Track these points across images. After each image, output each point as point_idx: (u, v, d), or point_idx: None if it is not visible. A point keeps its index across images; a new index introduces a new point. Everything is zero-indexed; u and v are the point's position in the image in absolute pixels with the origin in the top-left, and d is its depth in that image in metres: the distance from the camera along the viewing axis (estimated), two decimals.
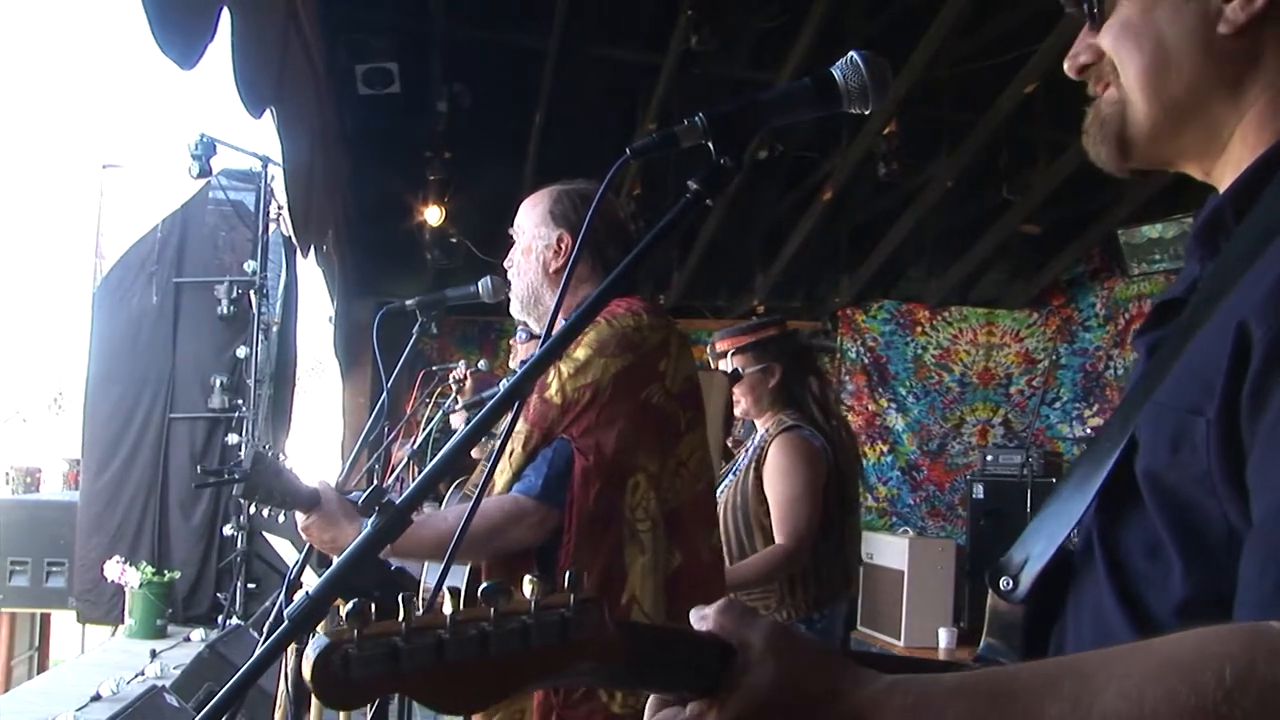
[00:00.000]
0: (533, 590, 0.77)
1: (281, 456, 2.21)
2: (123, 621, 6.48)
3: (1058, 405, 8.47)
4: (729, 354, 3.62)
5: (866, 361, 8.73)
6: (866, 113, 1.30)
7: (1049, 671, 0.80)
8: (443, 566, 1.16)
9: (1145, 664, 0.76)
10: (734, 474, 3.56)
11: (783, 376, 3.58)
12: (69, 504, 7.42)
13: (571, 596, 0.78)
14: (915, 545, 7.36)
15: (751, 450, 3.55)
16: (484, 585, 0.75)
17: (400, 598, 0.74)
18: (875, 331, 8.76)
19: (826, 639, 3.36)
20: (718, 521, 2.54)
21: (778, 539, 3.36)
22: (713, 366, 3.71)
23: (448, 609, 0.74)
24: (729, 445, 3.99)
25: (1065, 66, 1.12)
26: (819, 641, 0.90)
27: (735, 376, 3.59)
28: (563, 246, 2.40)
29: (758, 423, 3.63)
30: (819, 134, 7.06)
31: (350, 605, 0.73)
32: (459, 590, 0.76)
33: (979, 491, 7.72)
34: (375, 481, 3.23)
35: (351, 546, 1.05)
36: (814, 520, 3.37)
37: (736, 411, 3.68)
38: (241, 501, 6.16)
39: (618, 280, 1.18)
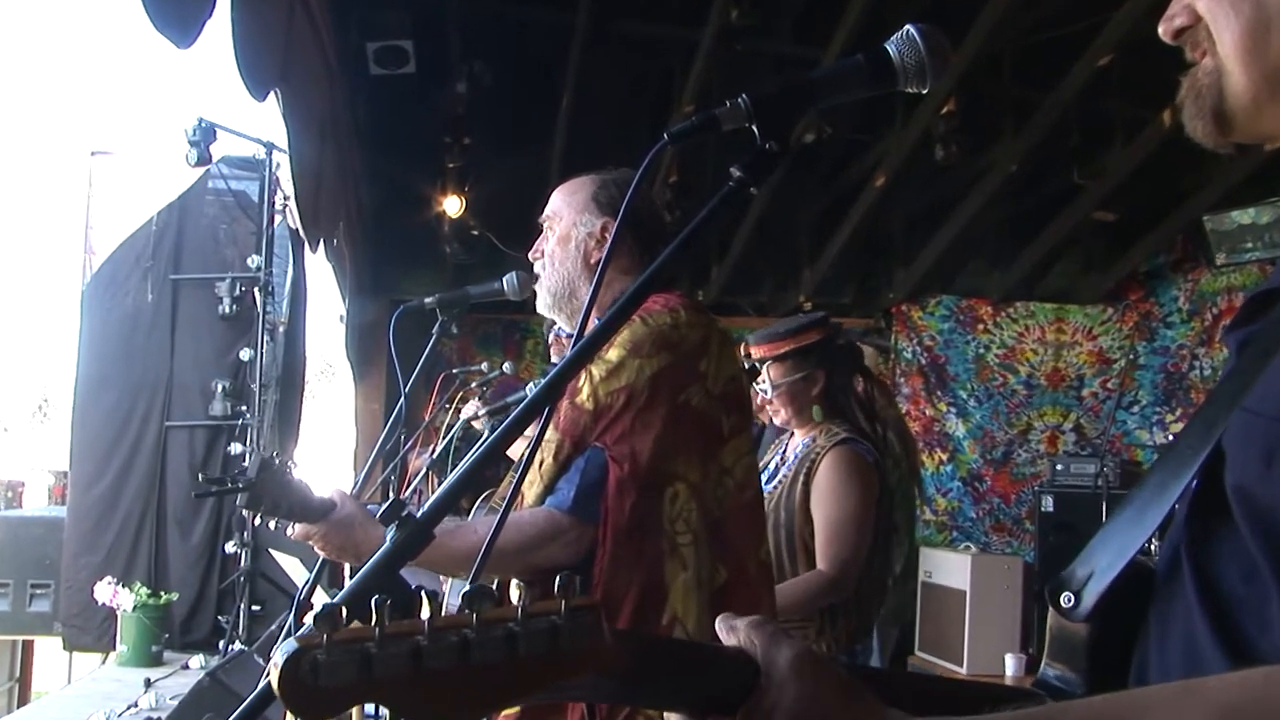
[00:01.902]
0: (521, 597, 0.78)
1: (290, 465, 2.21)
2: (114, 648, 6.50)
3: (1136, 409, 8.39)
4: (766, 362, 3.57)
5: (923, 362, 8.69)
6: (924, 91, 1.30)
7: (1101, 712, 0.82)
8: (467, 583, 1.17)
9: (1207, 708, 0.77)
10: (775, 484, 3.51)
11: (826, 384, 3.54)
12: (55, 520, 7.43)
13: (563, 603, 0.79)
14: (978, 563, 7.31)
15: (797, 461, 3.50)
16: (466, 589, 0.76)
17: (373, 602, 0.74)
18: (933, 329, 8.72)
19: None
20: (767, 534, 2.53)
21: (820, 564, 3.32)
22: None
23: (426, 614, 0.75)
24: None
25: (1160, 30, 1.09)
26: (847, 673, 0.92)
27: (753, 372, 3.54)
28: (607, 236, 2.40)
29: (799, 433, 3.60)
30: (871, 115, 7.04)
31: (319, 609, 0.74)
32: (439, 595, 0.76)
33: (1048, 504, 7.66)
34: (392, 494, 3.25)
35: (369, 563, 1.06)
36: (863, 548, 3.33)
37: (776, 421, 3.64)
38: (245, 514, 6.19)
39: (655, 275, 1.18)
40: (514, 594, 0.78)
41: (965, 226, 7.63)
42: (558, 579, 0.79)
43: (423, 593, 0.76)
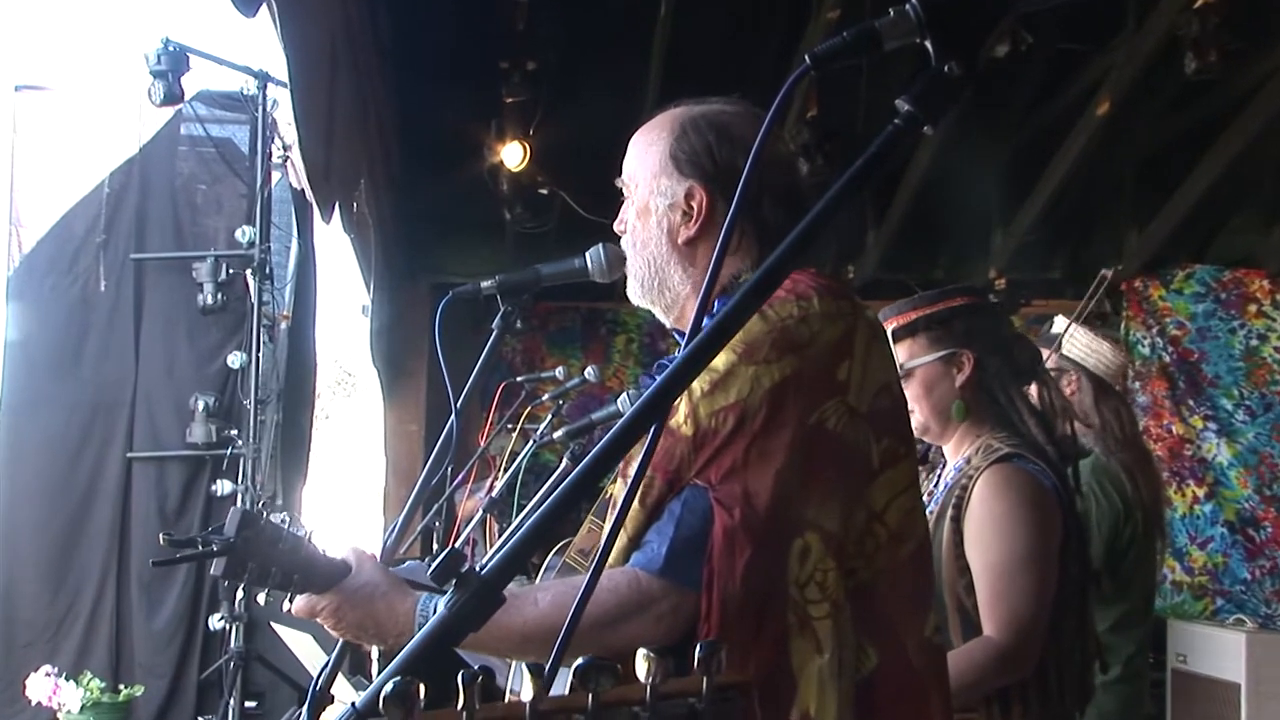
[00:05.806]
0: (650, 671, 0.80)
1: (285, 517, 2.24)
2: None
3: None
4: (895, 339, 3.48)
5: (1168, 359, 8.60)
6: None
7: None
8: (546, 670, 1.19)
9: None
10: None
11: (975, 371, 3.44)
12: None
13: (705, 681, 0.81)
14: (1257, 643, 7.22)
15: (943, 490, 3.43)
16: (580, 662, 0.77)
17: (461, 678, 0.76)
18: (1181, 313, 8.63)
19: None
20: (933, 603, 2.50)
21: (986, 629, 3.23)
22: None
23: (528, 695, 0.77)
24: None
25: None
26: None
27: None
28: (694, 205, 2.38)
29: (947, 448, 3.54)
30: (1091, 17, 6.97)
31: (391, 685, 0.76)
32: (542, 669, 0.78)
33: None
34: (438, 545, 3.29)
35: (420, 634, 1.08)
36: (1044, 603, 3.24)
37: (914, 426, 3.57)
38: (223, 585, 6.21)
39: (793, 251, 1.20)
40: (641, 666, 0.79)
41: (1229, 167, 7.53)
42: (697, 649, 0.80)
43: (525, 670, 0.78)
